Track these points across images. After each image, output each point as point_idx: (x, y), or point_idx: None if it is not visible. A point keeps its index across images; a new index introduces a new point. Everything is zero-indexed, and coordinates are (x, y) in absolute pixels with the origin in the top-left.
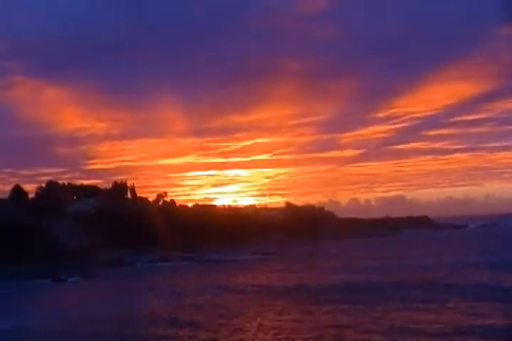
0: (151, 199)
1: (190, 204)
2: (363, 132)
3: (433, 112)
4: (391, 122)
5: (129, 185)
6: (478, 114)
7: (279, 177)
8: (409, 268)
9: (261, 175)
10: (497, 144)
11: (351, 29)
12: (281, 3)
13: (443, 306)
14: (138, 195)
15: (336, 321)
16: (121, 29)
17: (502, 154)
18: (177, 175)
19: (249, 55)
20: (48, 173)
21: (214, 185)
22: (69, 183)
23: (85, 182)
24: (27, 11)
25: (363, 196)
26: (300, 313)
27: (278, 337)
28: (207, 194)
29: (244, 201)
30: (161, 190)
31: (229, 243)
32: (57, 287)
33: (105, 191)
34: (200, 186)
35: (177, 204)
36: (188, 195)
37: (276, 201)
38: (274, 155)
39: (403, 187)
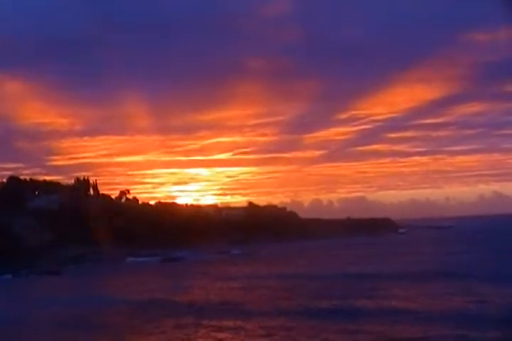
0: (113, 197)
1: (152, 202)
2: (325, 133)
3: (394, 115)
4: (353, 124)
5: (91, 181)
6: (439, 118)
7: (240, 177)
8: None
9: (222, 174)
10: (457, 148)
11: (315, 31)
12: (244, 5)
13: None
14: (100, 191)
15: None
16: (86, 25)
17: (462, 158)
18: (138, 172)
19: (213, 54)
20: (9, 168)
21: (175, 183)
22: (30, 179)
23: (47, 177)
24: None
25: (325, 197)
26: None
27: None
28: (168, 192)
29: (206, 200)
30: (122, 187)
31: (191, 241)
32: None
33: (67, 187)
34: (161, 184)
35: (139, 201)
36: (150, 192)
37: (238, 200)
38: (236, 154)
39: (364, 189)
